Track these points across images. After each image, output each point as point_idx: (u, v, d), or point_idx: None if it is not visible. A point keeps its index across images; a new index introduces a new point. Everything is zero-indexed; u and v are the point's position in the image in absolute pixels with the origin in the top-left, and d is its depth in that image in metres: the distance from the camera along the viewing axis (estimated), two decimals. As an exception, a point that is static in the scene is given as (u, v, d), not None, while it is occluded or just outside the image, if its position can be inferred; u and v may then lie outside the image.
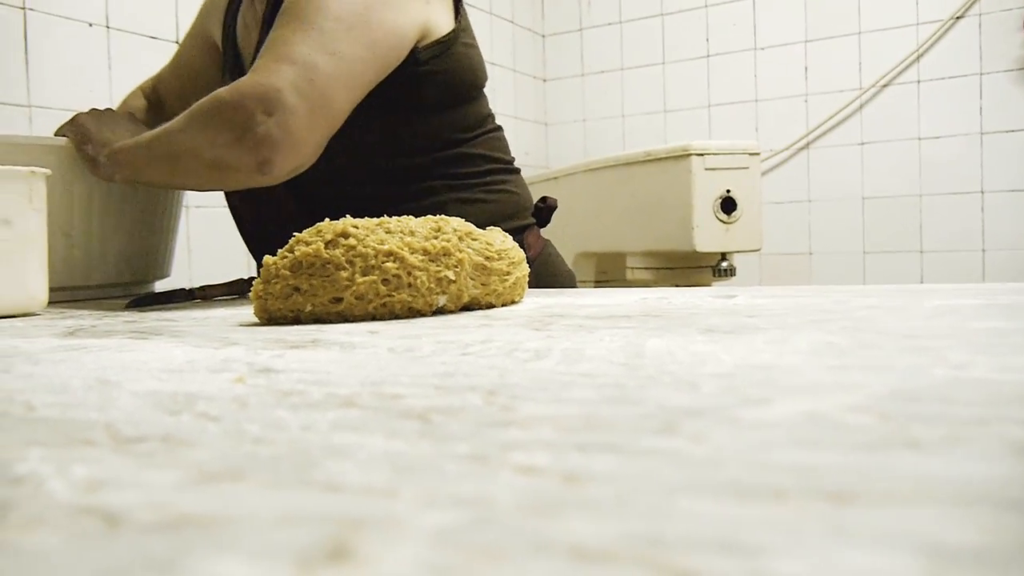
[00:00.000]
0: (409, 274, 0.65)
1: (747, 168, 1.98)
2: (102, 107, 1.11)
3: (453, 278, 0.67)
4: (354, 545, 0.17)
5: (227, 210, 1.25)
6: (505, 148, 1.18)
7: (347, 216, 0.68)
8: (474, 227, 0.74)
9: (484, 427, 0.27)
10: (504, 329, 0.55)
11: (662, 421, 0.27)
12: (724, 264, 2.01)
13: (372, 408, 0.31)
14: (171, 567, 0.16)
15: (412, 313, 0.66)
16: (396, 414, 0.29)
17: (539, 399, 0.31)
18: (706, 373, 0.36)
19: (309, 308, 0.64)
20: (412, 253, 0.66)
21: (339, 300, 0.64)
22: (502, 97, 2.87)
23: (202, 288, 0.96)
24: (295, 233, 0.67)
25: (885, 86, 2.64)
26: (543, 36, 3.20)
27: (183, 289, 0.94)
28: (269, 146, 0.87)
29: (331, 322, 0.64)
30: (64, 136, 1.01)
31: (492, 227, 0.77)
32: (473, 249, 0.71)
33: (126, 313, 0.80)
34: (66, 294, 1.03)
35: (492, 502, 0.20)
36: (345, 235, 0.65)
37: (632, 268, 2.15)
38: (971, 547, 0.16)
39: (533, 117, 3.14)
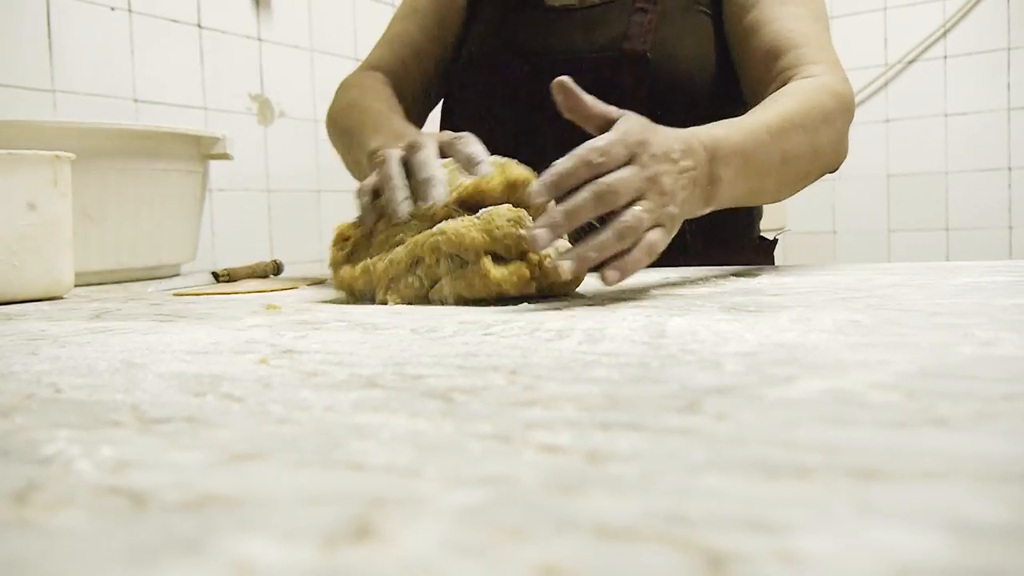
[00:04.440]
0: None
1: (770, 146, 1.96)
2: (130, 93, 1.09)
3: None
4: (378, 524, 0.17)
5: (247, 194, 1.24)
6: None
7: None
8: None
9: (507, 407, 0.27)
10: (525, 309, 0.55)
11: (685, 400, 0.27)
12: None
13: (395, 388, 0.31)
14: (197, 546, 0.16)
15: None
16: (419, 394, 0.29)
17: (561, 378, 0.31)
18: (729, 352, 0.36)
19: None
20: None
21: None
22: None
23: (226, 271, 0.96)
24: None
25: (911, 62, 2.61)
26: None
27: (207, 272, 0.95)
28: (844, 156, 0.87)
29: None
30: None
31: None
32: None
33: (151, 296, 0.81)
34: (92, 278, 1.04)
35: (515, 481, 0.20)
36: None
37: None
38: (998, 523, 0.16)
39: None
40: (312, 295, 0.74)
